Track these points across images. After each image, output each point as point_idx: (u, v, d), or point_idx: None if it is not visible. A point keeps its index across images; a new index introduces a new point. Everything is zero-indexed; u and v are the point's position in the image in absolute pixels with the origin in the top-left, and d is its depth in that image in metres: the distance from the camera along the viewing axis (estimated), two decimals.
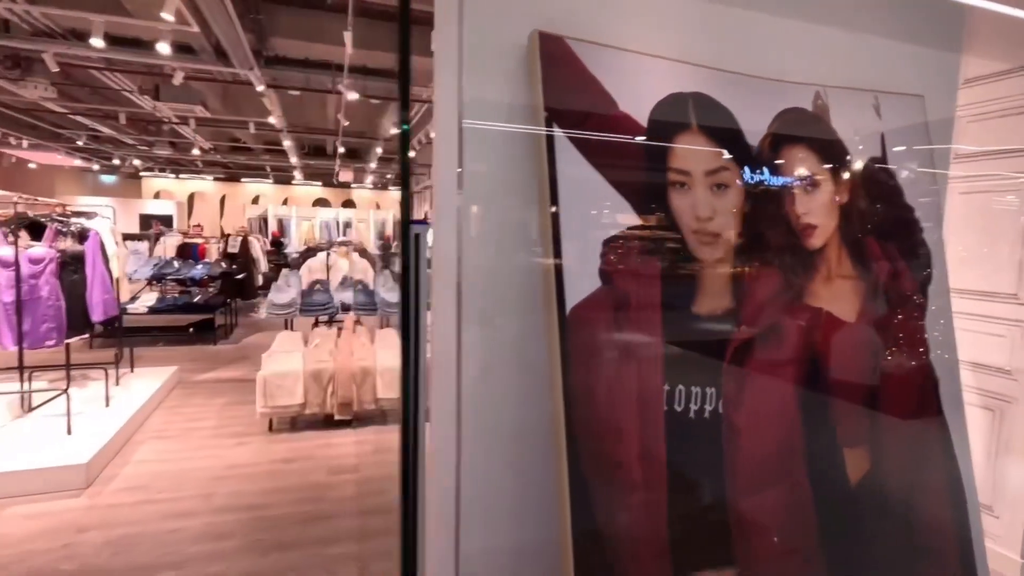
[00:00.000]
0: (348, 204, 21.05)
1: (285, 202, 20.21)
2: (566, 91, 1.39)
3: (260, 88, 6.39)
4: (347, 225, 16.96)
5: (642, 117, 1.44)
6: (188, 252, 8.75)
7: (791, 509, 1.48)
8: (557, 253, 1.32)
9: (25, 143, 11.36)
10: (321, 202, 21.07)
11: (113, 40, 6.58)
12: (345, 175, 13.70)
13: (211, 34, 5.62)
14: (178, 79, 6.10)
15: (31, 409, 3.64)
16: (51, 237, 3.40)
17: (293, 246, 17.00)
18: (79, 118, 10.47)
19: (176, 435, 3.84)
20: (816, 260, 1.60)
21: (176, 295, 7.18)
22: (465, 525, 1.33)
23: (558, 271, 1.31)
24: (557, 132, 1.34)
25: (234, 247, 8.91)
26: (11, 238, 3.34)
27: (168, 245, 9.04)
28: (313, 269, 6.51)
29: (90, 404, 3.88)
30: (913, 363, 1.70)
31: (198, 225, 11.76)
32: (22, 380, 3.44)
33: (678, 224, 1.44)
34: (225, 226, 17.46)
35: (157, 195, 18.82)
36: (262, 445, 3.71)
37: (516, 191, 1.39)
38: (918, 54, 1.84)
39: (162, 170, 18.11)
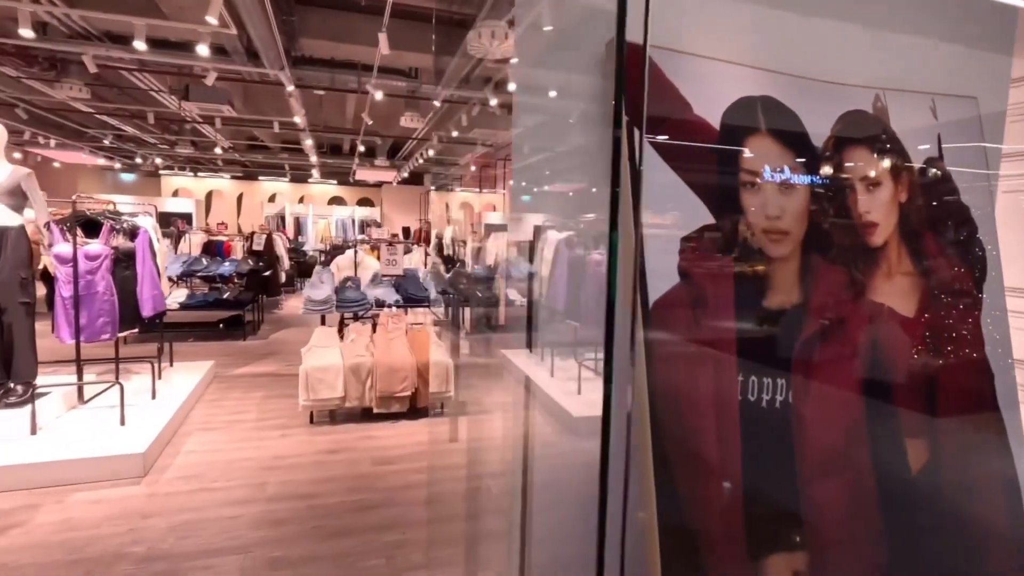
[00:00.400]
0: (364, 202, 21.23)
1: (301, 200, 20.40)
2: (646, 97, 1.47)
3: (290, 88, 6.50)
4: (366, 224, 17.12)
5: (714, 120, 1.51)
6: (214, 249, 8.90)
7: (856, 495, 1.54)
8: (639, 251, 1.39)
9: (52, 142, 11.59)
10: (336, 200, 21.26)
11: (150, 43, 6.72)
12: (379, 174, 13.78)
13: (244, 35, 5.74)
14: (210, 80, 6.23)
15: (85, 401, 3.77)
16: (107, 234, 3.52)
17: (310, 244, 17.16)
18: (106, 118, 10.67)
19: (220, 427, 3.95)
20: (877, 257, 1.66)
21: (205, 291, 7.32)
22: (551, 512, 1.41)
23: (641, 269, 1.38)
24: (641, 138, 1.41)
25: (259, 245, 9.05)
26: (68, 235, 3.46)
27: (193, 243, 9.21)
28: (342, 267, 6.62)
29: (138, 396, 4.00)
30: (969, 358, 1.76)
31: (223, 223, 11.93)
32: (79, 373, 3.56)
33: (749, 222, 1.51)
34: (243, 224, 17.68)
35: (175, 193, 19.03)
36: (305, 437, 3.82)
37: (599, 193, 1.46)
38: (972, 56, 1.89)
39: (181, 168, 18.36)
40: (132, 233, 3.68)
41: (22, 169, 3.46)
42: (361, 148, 11.48)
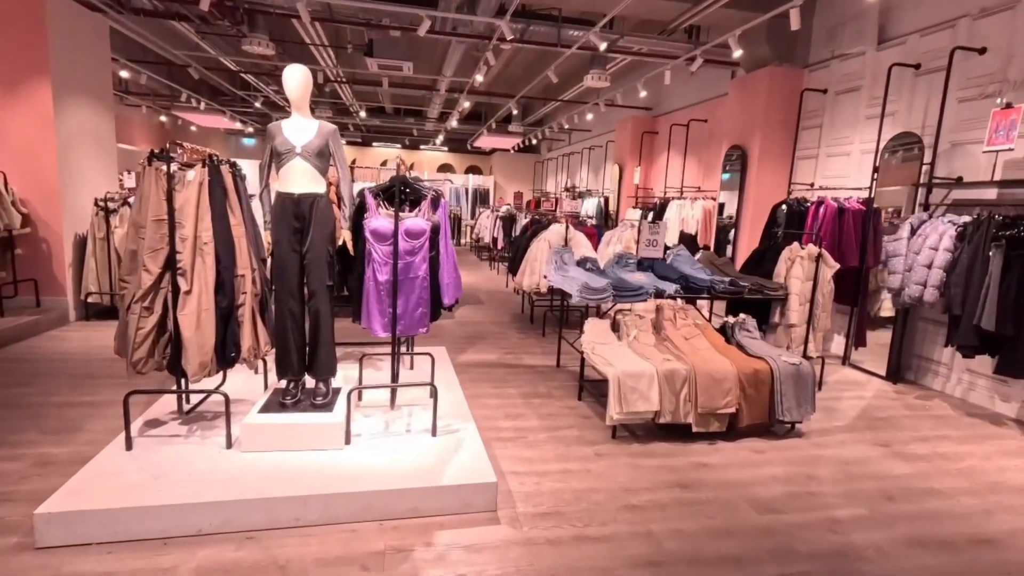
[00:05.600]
0: (472, 170, 20.64)
1: (411, 167, 20.06)
2: None
3: (509, 37, 5.74)
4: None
5: None
6: None
7: None
8: None
9: (203, 105, 11.57)
10: (445, 167, 20.80)
11: None
12: (497, 141, 12.87)
13: None
14: (423, 30, 5.57)
15: (394, 406, 3.23)
16: (428, 208, 2.90)
17: None
18: (259, 81, 10.44)
19: (515, 438, 3.34)
20: None
21: None
22: None
23: None
24: None
25: None
26: (383, 209, 2.87)
27: None
28: (554, 243, 5.92)
29: (418, 395, 3.45)
30: None
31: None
32: (394, 372, 3.01)
33: None
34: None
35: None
36: (626, 459, 3.13)
37: None
38: None
39: None
40: (434, 203, 3.05)
41: (327, 125, 2.87)
42: (515, 111, 10.70)
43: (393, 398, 3.16)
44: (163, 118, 13.44)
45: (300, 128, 2.82)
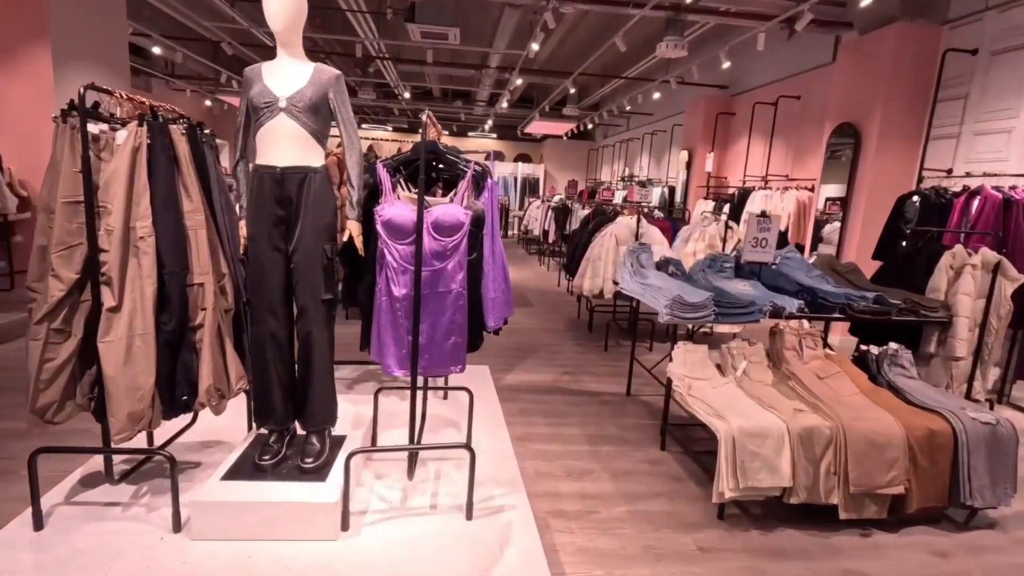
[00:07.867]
0: (521, 158, 19.67)
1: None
2: None
3: None
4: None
5: None
6: None
7: None
8: None
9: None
10: (494, 155, 19.92)
11: None
12: (549, 126, 11.81)
13: None
14: None
15: (412, 475, 2.36)
16: (466, 191, 1.99)
17: None
18: None
19: (582, 515, 2.41)
20: None
21: None
22: None
23: None
24: None
25: None
26: (403, 191, 1.97)
27: None
28: (622, 239, 4.93)
29: (452, 460, 2.57)
30: None
31: None
32: (413, 433, 2.12)
33: None
34: None
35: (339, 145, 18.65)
36: (747, 560, 2.15)
37: None
38: None
39: None
40: (476, 184, 2.14)
41: (328, 69, 2.00)
42: (572, 90, 9.66)
43: (412, 466, 2.28)
44: (208, 102, 13.09)
45: (287, 72, 1.96)
